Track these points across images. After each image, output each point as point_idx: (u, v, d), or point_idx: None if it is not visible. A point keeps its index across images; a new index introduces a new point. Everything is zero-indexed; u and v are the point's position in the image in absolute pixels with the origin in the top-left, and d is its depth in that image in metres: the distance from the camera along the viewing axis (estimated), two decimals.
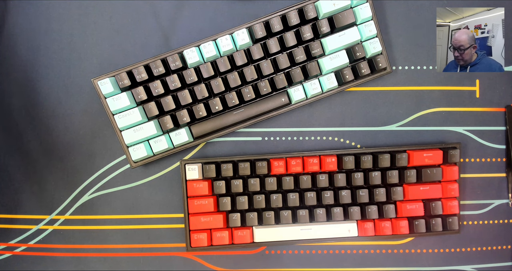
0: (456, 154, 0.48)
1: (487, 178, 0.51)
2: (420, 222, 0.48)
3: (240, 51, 0.46)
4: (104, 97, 0.46)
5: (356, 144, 0.51)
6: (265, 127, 0.51)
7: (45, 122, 0.50)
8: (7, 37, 0.50)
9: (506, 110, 0.51)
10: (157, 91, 0.46)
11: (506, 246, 0.51)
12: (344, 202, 0.48)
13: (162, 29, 0.50)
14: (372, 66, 0.48)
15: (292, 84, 0.48)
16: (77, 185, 0.50)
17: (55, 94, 0.50)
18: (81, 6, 0.50)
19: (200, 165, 0.48)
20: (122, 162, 0.50)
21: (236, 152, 0.51)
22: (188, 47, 0.46)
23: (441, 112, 0.51)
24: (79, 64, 0.50)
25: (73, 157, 0.50)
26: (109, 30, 0.50)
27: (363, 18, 0.47)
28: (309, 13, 0.46)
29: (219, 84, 0.46)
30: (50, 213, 0.51)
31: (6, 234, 0.51)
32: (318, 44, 0.47)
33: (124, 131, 0.47)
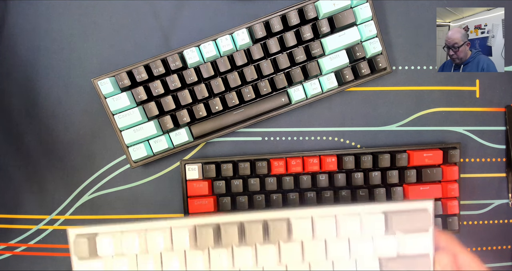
0: (456, 154, 0.48)
1: (487, 178, 0.51)
2: None
3: (240, 51, 0.46)
4: (104, 97, 0.46)
5: (356, 144, 0.51)
6: (265, 127, 0.51)
7: (45, 122, 0.50)
8: (7, 37, 0.50)
9: (506, 110, 0.51)
10: (157, 91, 0.46)
11: (506, 246, 0.51)
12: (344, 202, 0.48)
13: (162, 29, 0.50)
14: (372, 66, 0.48)
15: (292, 84, 0.48)
16: (77, 185, 0.50)
17: (55, 94, 0.50)
18: (81, 6, 0.50)
19: (200, 165, 0.48)
20: (122, 162, 0.50)
21: (236, 152, 0.51)
22: (188, 47, 0.46)
23: (441, 112, 0.51)
24: (79, 64, 0.50)
25: (73, 157, 0.50)
26: (109, 30, 0.50)
27: (363, 18, 0.47)
28: (309, 13, 0.46)
29: (219, 84, 0.46)
30: (50, 213, 0.51)
31: (6, 234, 0.51)
32: (318, 44, 0.47)
33: (124, 131, 0.47)
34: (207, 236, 0.32)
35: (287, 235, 0.33)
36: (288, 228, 0.33)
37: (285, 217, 0.33)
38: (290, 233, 0.33)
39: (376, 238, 0.33)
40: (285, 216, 0.33)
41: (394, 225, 0.33)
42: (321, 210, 0.33)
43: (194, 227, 0.33)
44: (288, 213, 0.33)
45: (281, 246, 0.33)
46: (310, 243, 0.33)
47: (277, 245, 0.33)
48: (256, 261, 0.33)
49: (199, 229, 0.33)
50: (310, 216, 0.33)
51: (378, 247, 0.33)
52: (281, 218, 0.33)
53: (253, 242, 0.33)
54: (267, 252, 0.33)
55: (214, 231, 0.33)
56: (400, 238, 0.33)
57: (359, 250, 0.33)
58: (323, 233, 0.33)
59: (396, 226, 0.33)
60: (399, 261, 0.33)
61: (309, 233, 0.33)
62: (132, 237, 0.33)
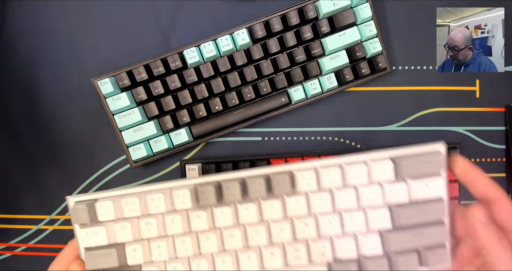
0: (456, 154, 0.48)
1: None
2: None
3: (240, 51, 0.46)
4: (104, 97, 0.46)
5: (356, 144, 0.51)
6: (265, 127, 0.51)
7: (45, 122, 0.50)
8: (7, 37, 0.50)
9: (506, 110, 0.51)
10: (157, 91, 0.46)
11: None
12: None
13: (162, 29, 0.50)
14: (372, 66, 0.48)
15: (292, 84, 0.48)
16: (77, 185, 0.50)
17: (55, 94, 0.50)
18: (81, 6, 0.50)
19: (200, 165, 0.48)
20: (122, 162, 0.50)
21: (236, 152, 0.51)
22: (188, 47, 0.46)
23: (441, 112, 0.51)
24: (79, 64, 0.50)
25: (73, 157, 0.50)
26: (109, 30, 0.50)
27: (363, 18, 0.47)
28: (309, 13, 0.46)
29: (219, 84, 0.46)
30: (50, 213, 0.51)
31: (6, 234, 0.51)
32: (318, 44, 0.47)
33: (124, 131, 0.47)
34: (208, 195, 0.32)
35: (290, 189, 0.32)
36: (291, 181, 0.32)
37: (287, 170, 0.32)
38: (294, 187, 0.32)
39: (385, 185, 0.32)
40: (287, 169, 0.32)
41: (404, 170, 0.31)
42: (324, 161, 0.32)
43: (194, 186, 0.32)
44: (291, 167, 0.32)
45: (286, 200, 0.32)
46: (315, 195, 0.32)
47: (281, 200, 0.32)
48: (261, 217, 0.32)
49: (200, 187, 0.32)
50: (313, 167, 0.32)
51: (387, 195, 0.32)
52: (283, 171, 0.32)
53: (256, 197, 0.32)
54: (271, 207, 0.32)
55: (216, 189, 0.32)
56: (411, 184, 0.31)
57: (367, 199, 0.32)
58: (329, 183, 0.32)
59: (406, 171, 0.31)
60: (411, 207, 0.31)
61: (314, 185, 0.32)
62: (132, 201, 0.32)
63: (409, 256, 0.31)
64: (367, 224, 0.32)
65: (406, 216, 0.31)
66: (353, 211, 0.32)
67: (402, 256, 0.31)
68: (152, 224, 0.32)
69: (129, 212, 0.32)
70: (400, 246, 0.31)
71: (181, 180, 0.33)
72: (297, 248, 0.32)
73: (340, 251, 0.32)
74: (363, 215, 0.32)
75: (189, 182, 0.32)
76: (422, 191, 0.31)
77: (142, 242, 0.32)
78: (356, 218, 0.32)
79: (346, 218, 0.32)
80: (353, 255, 0.32)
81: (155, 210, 0.32)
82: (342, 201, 0.32)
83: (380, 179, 0.32)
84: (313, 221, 0.32)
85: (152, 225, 0.32)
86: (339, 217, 0.32)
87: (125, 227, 0.31)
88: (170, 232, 0.32)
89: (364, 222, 0.32)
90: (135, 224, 0.32)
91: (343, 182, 0.32)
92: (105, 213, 0.32)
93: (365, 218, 0.32)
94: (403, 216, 0.31)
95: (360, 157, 0.32)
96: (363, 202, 0.32)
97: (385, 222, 0.32)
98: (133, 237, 0.32)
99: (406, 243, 0.31)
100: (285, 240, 0.32)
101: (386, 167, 0.31)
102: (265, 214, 0.32)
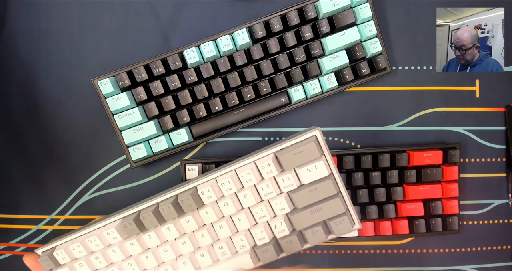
0: (456, 154, 0.48)
1: (487, 178, 0.51)
2: (420, 222, 0.48)
3: (240, 51, 0.46)
4: (104, 97, 0.46)
5: (356, 144, 0.51)
6: (265, 127, 0.51)
7: (45, 122, 0.50)
8: (7, 37, 0.50)
9: (506, 110, 0.51)
10: (157, 91, 0.46)
11: (506, 246, 0.51)
12: None
13: (162, 29, 0.50)
14: (372, 66, 0.48)
15: (292, 84, 0.48)
16: (77, 185, 0.50)
17: (55, 94, 0.50)
18: (81, 6, 0.50)
19: (200, 165, 0.48)
20: (122, 162, 0.50)
21: (236, 152, 0.51)
22: (188, 47, 0.46)
23: (441, 112, 0.51)
24: (79, 64, 0.50)
25: (73, 157, 0.50)
26: (109, 30, 0.50)
27: (363, 18, 0.47)
28: (309, 13, 0.46)
29: (219, 84, 0.46)
30: (50, 213, 0.51)
31: (6, 234, 0.51)
32: (318, 44, 0.47)
33: (124, 131, 0.47)
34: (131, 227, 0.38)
35: (198, 204, 0.38)
36: (194, 198, 0.38)
37: (192, 187, 0.39)
38: (199, 201, 0.38)
39: (276, 178, 0.37)
40: (191, 186, 0.39)
41: (285, 163, 0.37)
42: (220, 170, 0.38)
43: (121, 221, 0.39)
44: (194, 184, 0.38)
45: (197, 213, 0.38)
46: (220, 201, 0.38)
47: (192, 214, 0.38)
48: (183, 231, 0.39)
49: (123, 221, 0.39)
50: (213, 178, 0.38)
51: (281, 185, 0.38)
52: (188, 189, 0.39)
53: (172, 218, 0.38)
54: (187, 222, 0.38)
55: (136, 220, 0.38)
56: (297, 171, 0.37)
57: (265, 193, 0.38)
58: (226, 192, 0.38)
59: (287, 164, 0.37)
60: (303, 191, 0.37)
61: (214, 197, 0.38)
62: (77, 244, 0.39)
63: (314, 229, 0.38)
64: (273, 212, 0.39)
65: (301, 199, 0.38)
66: (257, 206, 0.38)
67: (309, 230, 0.38)
68: (100, 257, 0.39)
69: (78, 253, 0.39)
70: (304, 223, 0.38)
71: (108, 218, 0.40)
72: (221, 246, 0.39)
73: (256, 239, 0.39)
74: (266, 207, 0.38)
75: (115, 218, 0.40)
76: (308, 175, 0.37)
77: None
78: (261, 211, 0.38)
79: (254, 212, 0.38)
80: (267, 240, 0.38)
81: (96, 248, 0.39)
82: (245, 201, 0.38)
83: (270, 175, 0.37)
84: (225, 222, 0.38)
85: (100, 258, 0.39)
86: (246, 214, 0.38)
87: (82, 264, 0.39)
88: (115, 260, 0.40)
89: (269, 212, 0.38)
90: (88, 259, 0.39)
91: (240, 185, 0.38)
92: (63, 258, 0.39)
93: (269, 208, 0.38)
94: (298, 199, 0.38)
95: (249, 159, 0.38)
96: (264, 196, 0.38)
97: (286, 208, 0.38)
98: (90, 268, 0.40)
99: (308, 220, 0.38)
100: (209, 243, 0.39)
101: (270, 163, 0.37)
102: (185, 228, 0.39)
